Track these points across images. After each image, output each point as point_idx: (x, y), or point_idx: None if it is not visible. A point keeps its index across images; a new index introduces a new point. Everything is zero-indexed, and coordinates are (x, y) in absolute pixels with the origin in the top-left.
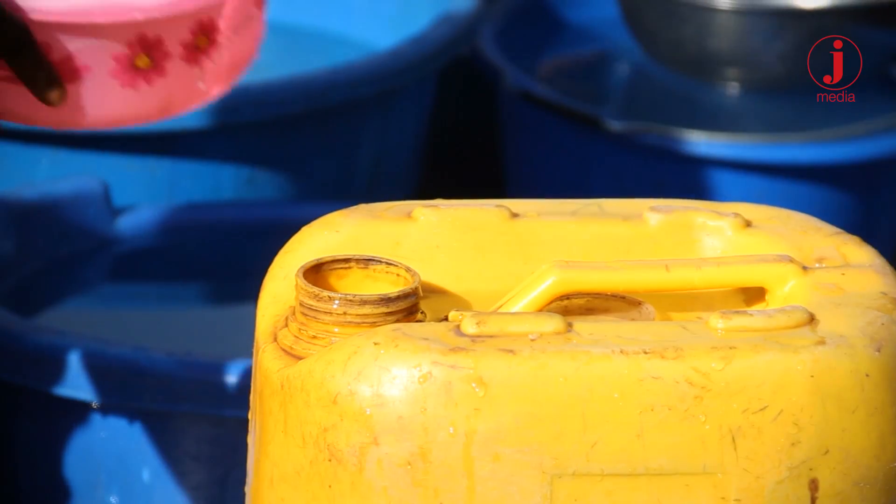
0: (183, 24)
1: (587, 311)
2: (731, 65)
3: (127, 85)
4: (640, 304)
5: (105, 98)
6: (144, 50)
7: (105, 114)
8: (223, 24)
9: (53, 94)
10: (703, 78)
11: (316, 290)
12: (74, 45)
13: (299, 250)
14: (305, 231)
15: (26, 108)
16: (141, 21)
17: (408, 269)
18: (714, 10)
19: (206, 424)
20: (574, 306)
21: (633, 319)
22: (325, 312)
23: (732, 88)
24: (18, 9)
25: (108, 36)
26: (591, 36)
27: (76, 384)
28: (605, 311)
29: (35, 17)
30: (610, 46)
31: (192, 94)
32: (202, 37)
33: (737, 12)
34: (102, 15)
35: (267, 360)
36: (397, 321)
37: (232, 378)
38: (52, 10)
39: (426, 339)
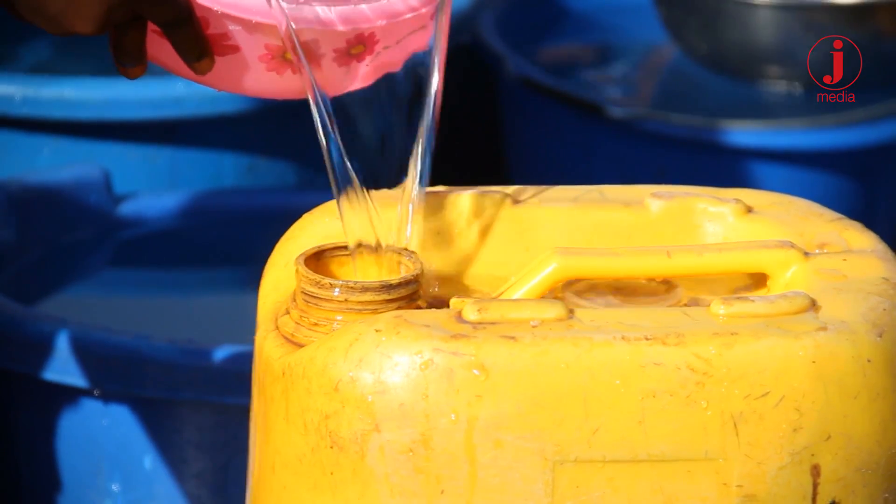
0: (341, 36)
1: (616, 290)
2: (768, 62)
3: (272, 70)
4: (674, 287)
5: (248, 74)
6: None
7: (244, 86)
8: (384, 37)
9: (202, 65)
10: (741, 76)
11: (317, 277)
12: (231, 28)
13: (300, 237)
14: (306, 218)
15: (172, 61)
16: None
17: (409, 256)
18: (751, 5)
19: (207, 412)
20: (602, 287)
21: (666, 303)
22: (327, 300)
23: (767, 86)
24: None
25: (265, 31)
26: (592, 23)
27: (78, 372)
28: (634, 293)
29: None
30: (611, 34)
31: (335, 86)
32: (359, 45)
33: (774, 7)
34: (262, 15)
35: (268, 348)
36: (399, 308)
37: (233, 366)
38: None
39: (428, 325)
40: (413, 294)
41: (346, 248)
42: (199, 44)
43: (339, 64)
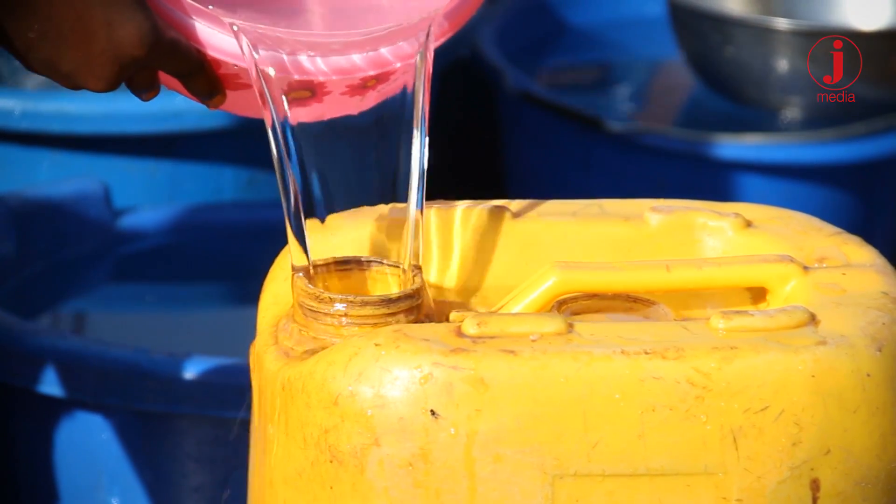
0: (353, 78)
1: (597, 311)
2: (779, 90)
3: None
4: (653, 304)
5: (258, 105)
6: (307, 88)
7: (255, 112)
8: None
9: (214, 101)
10: (751, 103)
11: (317, 291)
12: (242, 69)
13: None
14: None
15: (185, 91)
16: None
17: (409, 270)
18: (767, 30)
19: (207, 426)
20: (582, 308)
21: (648, 318)
22: (326, 314)
23: (776, 113)
24: (197, 41)
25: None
26: (591, 37)
27: (77, 386)
28: (613, 311)
29: (211, 53)
30: (611, 48)
31: (344, 109)
32: (372, 80)
33: (795, 33)
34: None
35: (268, 362)
36: (399, 322)
37: (233, 379)
38: (229, 51)
39: (427, 339)
40: (413, 308)
41: (346, 262)
42: (211, 86)
43: (352, 94)
